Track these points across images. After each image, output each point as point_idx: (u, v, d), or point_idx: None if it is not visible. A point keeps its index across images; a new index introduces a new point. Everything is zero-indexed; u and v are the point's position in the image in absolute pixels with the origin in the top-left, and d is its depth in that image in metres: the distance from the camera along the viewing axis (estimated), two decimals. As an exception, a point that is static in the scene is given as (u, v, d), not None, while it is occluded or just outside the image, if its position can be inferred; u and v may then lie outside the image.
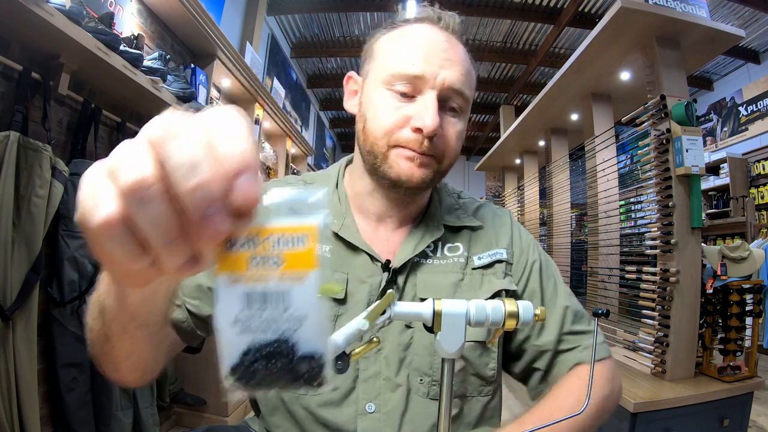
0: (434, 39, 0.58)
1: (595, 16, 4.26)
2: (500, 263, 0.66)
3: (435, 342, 0.43)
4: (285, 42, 4.89)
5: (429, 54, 0.56)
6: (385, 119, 0.57)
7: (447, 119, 0.59)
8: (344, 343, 0.41)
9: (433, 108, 0.55)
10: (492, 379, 0.63)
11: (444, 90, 0.56)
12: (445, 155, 0.60)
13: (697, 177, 1.61)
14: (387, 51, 0.60)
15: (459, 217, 0.68)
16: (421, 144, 0.56)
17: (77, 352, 1.36)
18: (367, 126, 0.60)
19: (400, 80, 0.56)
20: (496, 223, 0.70)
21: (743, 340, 1.66)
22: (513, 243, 0.69)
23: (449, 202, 0.71)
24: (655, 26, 1.69)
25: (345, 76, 0.67)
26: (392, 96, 0.57)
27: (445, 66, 0.56)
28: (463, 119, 0.61)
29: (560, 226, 3.07)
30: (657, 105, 1.67)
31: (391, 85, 0.57)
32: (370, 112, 0.59)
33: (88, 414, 1.39)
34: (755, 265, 1.71)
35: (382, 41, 0.62)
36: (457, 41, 0.60)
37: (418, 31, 0.59)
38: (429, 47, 0.57)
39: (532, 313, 0.43)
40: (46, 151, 1.19)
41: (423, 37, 0.58)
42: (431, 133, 0.55)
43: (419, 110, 0.56)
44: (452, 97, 0.58)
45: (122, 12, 1.69)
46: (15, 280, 1.13)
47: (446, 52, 0.57)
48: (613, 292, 2.17)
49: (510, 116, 5.84)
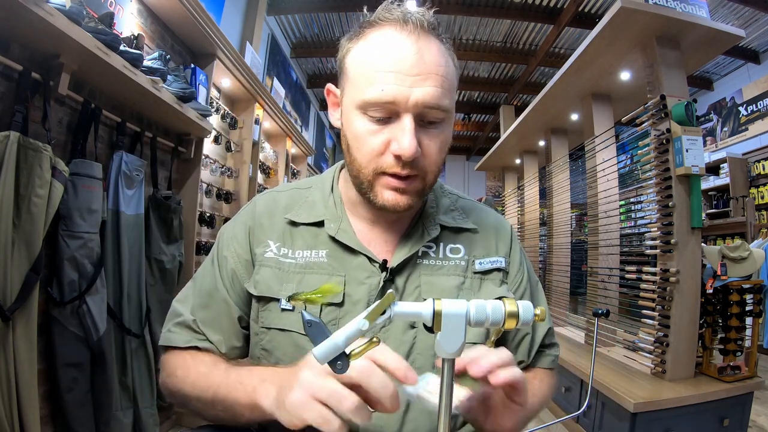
0: (403, 53, 0.54)
1: (595, 16, 4.26)
2: (498, 271, 0.67)
3: (435, 342, 0.43)
4: (285, 42, 4.89)
5: (399, 73, 0.53)
6: (366, 147, 0.57)
7: (427, 134, 0.57)
8: (344, 343, 0.41)
9: (410, 132, 0.53)
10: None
11: (419, 108, 0.54)
12: (428, 171, 0.59)
13: (697, 177, 1.61)
14: (357, 73, 0.57)
15: (455, 219, 0.68)
16: (403, 168, 0.56)
17: (77, 352, 1.36)
18: (352, 152, 0.59)
19: (373, 107, 0.55)
20: (498, 231, 0.70)
21: (743, 340, 1.66)
22: (511, 253, 0.70)
23: (446, 202, 0.71)
24: (655, 26, 1.70)
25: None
26: (369, 121, 0.56)
27: (416, 84, 0.53)
28: (445, 127, 0.59)
29: (560, 226, 3.07)
30: (657, 105, 1.67)
31: (365, 111, 0.56)
32: (351, 137, 0.59)
33: (88, 414, 1.39)
34: (755, 265, 1.71)
35: (353, 56, 0.59)
36: (428, 43, 0.55)
37: (385, 44, 0.55)
38: (397, 65, 0.53)
39: (532, 313, 0.43)
40: (46, 151, 1.19)
41: (391, 53, 0.54)
42: (410, 158, 0.54)
43: (397, 134, 0.54)
44: (429, 113, 0.55)
45: (122, 12, 1.69)
46: (15, 280, 1.13)
47: (416, 67, 0.53)
48: (613, 292, 2.17)
49: (510, 116, 5.85)
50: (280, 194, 0.70)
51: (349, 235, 0.63)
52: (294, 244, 0.64)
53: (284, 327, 0.61)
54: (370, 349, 0.44)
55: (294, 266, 0.63)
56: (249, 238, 0.66)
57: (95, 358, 1.41)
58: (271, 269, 0.63)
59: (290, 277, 0.62)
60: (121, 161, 1.58)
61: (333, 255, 0.63)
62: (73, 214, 1.33)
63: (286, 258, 0.63)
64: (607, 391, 1.57)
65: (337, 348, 0.40)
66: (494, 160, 4.52)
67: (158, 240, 1.81)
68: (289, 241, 0.65)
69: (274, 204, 0.68)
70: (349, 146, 0.60)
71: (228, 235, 0.68)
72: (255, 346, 0.65)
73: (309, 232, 0.65)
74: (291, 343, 0.60)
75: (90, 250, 1.39)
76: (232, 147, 2.63)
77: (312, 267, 0.62)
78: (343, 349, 0.41)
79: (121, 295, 1.57)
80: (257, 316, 0.64)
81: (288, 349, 0.60)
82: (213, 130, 2.23)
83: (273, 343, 0.62)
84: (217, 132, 2.42)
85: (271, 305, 0.62)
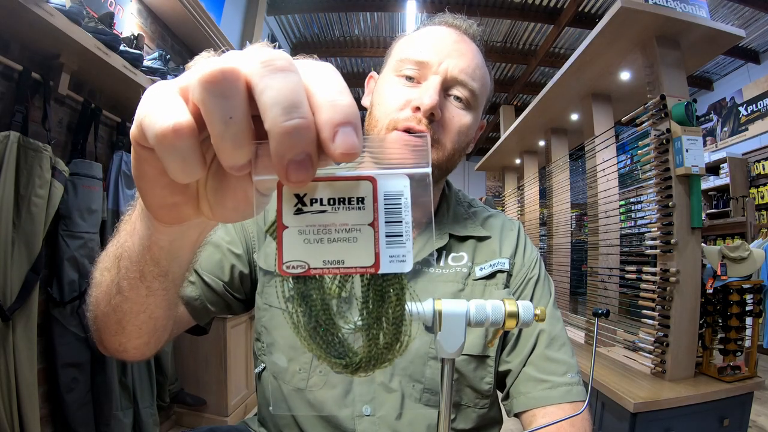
0: (446, 33, 0.61)
1: (595, 16, 4.26)
2: (501, 273, 0.65)
3: (435, 342, 0.43)
4: (285, 42, 4.89)
5: (438, 43, 0.58)
6: (389, 100, 0.58)
7: (450, 105, 0.58)
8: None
9: (433, 88, 0.55)
10: (488, 393, 0.62)
11: (448, 78, 0.57)
12: (442, 142, 0.58)
13: (697, 177, 1.61)
14: (401, 47, 0.63)
15: (466, 227, 0.67)
16: (419, 122, 0.56)
17: (77, 352, 1.36)
18: (372, 111, 0.61)
19: (407, 64, 0.58)
20: (504, 233, 0.69)
21: (743, 340, 1.66)
22: (516, 254, 0.68)
23: (459, 211, 0.70)
24: (655, 26, 1.69)
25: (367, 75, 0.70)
26: (399, 81, 0.59)
27: (451, 55, 0.58)
28: (470, 113, 0.60)
29: (560, 226, 3.07)
30: (657, 105, 1.67)
31: (399, 71, 0.59)
32: (377, 96, 0.61)
33: (88, 414, 1.39)
34: (755, 265, 1.71)
35: (401, 41, 0.65)
36: (470, 41, 0.62)
37: (431, 30, 0.62)
38: (439, 39, 0.59)
39: (532, 313, 0.43)
40: (46, 151, 1.19)
41: (436, 32, 0.61)
42: (428, 110, 0.55)
43: (421, 91, 0.57)
44: (457, 87, 0.58)
45: (122, 12, 1.69)
46: (15, 280, 1.13)
47: (456, 44, 0.59)
48: (613, 292, 2.17)
49: (510, 116, 5.84)
50: None
51: None
52: None
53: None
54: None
55: None
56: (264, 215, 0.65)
57: (95, 358, 1.41)
58: None
59: None
60: (121, 161, 1.58)
61: None
62: (73, 214, 1.34)
63: None
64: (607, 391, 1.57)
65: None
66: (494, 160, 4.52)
67: (158, 240, 1.81)
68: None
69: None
70: (372, 107, 0.62)
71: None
72: (258, 322, 0.65)
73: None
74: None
75: (90, 250, 1.39)
76: (232, 147, 2.63)
77: None
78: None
79: (121, 295, 1.57)
80: (262, 290, 0.64)
81: (286, 332, 0.60)
82: (213, 130, 2.23)
83: (272, 322, 0.62)
84: (217, 132, 2.42)
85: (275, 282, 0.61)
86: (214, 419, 2.06)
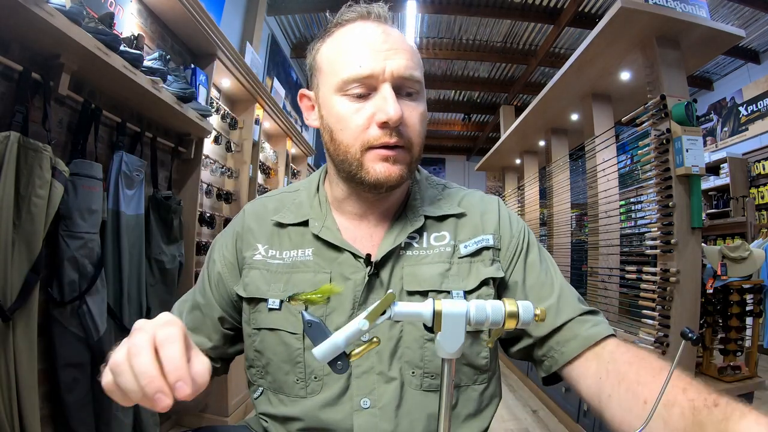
0: (371, 34, 0.59)
1: (595, 16, 4.26)
2: (487, 250, 0.65)
3: (435, 342, 0.43)
4: (285, 42, 4.89)
5: (371, 50, 0.57)
6: (351, 124, 0.58)
7: (406, 105, 0.59)
8: (344, 343, 0.41)
9: (391, 98, 0.56)
10: (485, 368, 0.63)
11: (395, 79, 0.57)
12: (413, 142, 0.60)
13: (697, 177, 1.61)
14: (331, 60, 0.61)
15: (441, 207, 0.68)
16: (390, 135, 0.57)
17: (77, 352, 1.36)
18: (336, 136, 0.60)
19: (352, 84, 0.57)
20: (483, 209, 0.69)
21: (743, 340, 1.66)
22: (501, 227, 0.67)
23: (431, 193, 0.71)
24: (655, 26, 1.70)
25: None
26: (349, 100, 0.58)
27: (389, 56, 0.57)
28: (421, 101, 0.62)
29: (560, 226, 3.07)
30: (657, 105, 1.67)
31: (344, 91, 0.58)
32: (334, 121, 0.60)
33: (88, 414, 1.39)
34: (755, 265, 1.71)
35: (324, 51, 0.63)
36: (392, 28, 0.61)
37: (354, 31, 0.60)
38: (369, 44, 0.58)
39: (532, 313, 0.43)
40: (46, 151, 1.19)
41: (361, 36, 0.59)
42: (397, 122, 0.56)
43: (379, 104, 0.56)
44: (405, 84, 0.59)
45: (122, 12, 1.69)
46: (15, 280, 1.13)
47: (386, 43, 0.58)
48: (613, 292, 2.18)
49: (510, 116, 5.84)
50: (269, 199, 0.73)
51: (332, 233, 0.64)
52: (282, 245, 0.66)
53: (272, 326, 0.62)
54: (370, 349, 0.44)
55: (281, 266, 0.64)
56: (236, 244, 0.69)
57: (95, 359, 1.41)
58: (259, 271, 0.65)
59: (277, 277, 0.64)
60: (121, 161, 1.58)
61: (318, 253, 0.64)
62: (74, 215, 1.33)
63: (274, 259, 0.65)
64: (607, 391, 1.57)
65: (337, 348, 0.41)
66: (494, 160, 4.53)
67: (158, 240, 1.81)
68: (277, 242, 0.67)
69: (263, 209, 0.71)
70: (332, 132, 0.61)
71: (220, 242, 0.72)
72: (249, 348, 0.66)
73: (296, 232, 0.67)
74: (279, 342, 0.61)
75: (90, 250, 1.39)
76: (232, 147, 2.63)
77: (298, 266, 0.64)
78: (343, 349, 0.41)
79: (121, 296, 1.57)
80: (249, 318, 0.65)
81: (277, 348, 0.62)
82: (213, 130, 2.23)
83: (264, 344, 0.63)
84: (218, 132, 2.42)
85: (260, 306, 0.63)
86: (214, 419, 2.06)
